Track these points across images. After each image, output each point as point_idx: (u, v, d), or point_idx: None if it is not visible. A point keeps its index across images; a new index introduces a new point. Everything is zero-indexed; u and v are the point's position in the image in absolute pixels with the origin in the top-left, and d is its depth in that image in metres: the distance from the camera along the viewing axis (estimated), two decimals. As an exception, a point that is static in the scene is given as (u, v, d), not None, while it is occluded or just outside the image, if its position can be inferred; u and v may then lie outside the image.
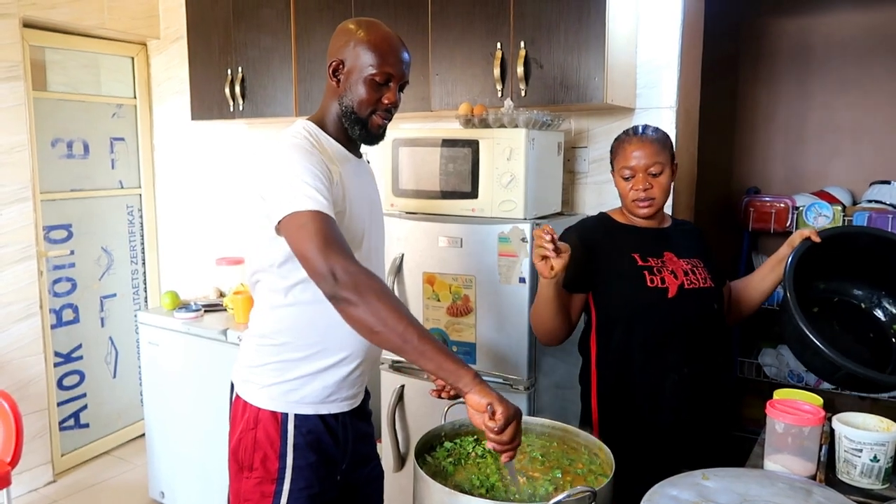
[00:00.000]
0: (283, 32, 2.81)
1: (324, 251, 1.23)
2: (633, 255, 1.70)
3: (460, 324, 2.16)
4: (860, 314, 1.72)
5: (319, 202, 1.28)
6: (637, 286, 1.66)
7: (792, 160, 3.21)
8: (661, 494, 1.12)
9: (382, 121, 1.47)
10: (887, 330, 1.68)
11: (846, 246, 1.69)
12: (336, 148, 1.47)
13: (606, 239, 1.75)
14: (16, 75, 3.16)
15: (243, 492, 1.47)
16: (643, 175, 1.68)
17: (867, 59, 2.99)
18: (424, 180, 2.26)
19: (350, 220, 1.43)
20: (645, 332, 1.65)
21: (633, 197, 1.71)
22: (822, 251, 1.64)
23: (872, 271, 1.70)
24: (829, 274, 1.73)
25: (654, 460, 1.52)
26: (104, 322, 3.78)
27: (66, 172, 3.56)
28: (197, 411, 2.92)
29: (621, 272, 1.69)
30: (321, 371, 1.46)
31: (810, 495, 1.11)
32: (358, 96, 1.42)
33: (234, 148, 3.57)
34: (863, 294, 1.73)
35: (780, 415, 1.39)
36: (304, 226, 1.26)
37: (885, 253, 1.64)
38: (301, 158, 1.33)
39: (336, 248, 1.24)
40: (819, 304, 1.73)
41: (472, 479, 1.29)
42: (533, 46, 2.20)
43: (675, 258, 1.72)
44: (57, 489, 3.36)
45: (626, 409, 1.69)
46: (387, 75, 1.42)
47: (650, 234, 1.76)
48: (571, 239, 1.72)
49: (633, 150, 1.70)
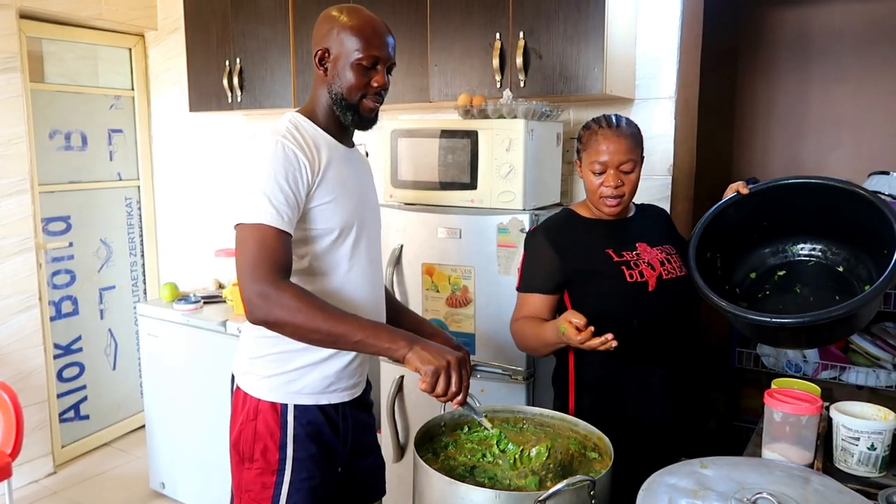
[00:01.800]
0: (282, 23, 2.80)
1: (247, 277, 1.28)
2: (607, 250, 1.63)
3: (459, 314, 2.17)
4: (838, 277, 1.66)
5: (269, 213, 1.29)
6: (616, 282, 1.60)
7: (791, 150, 3.21)
8: (660, 483, 1.12)
9: (374, 104, 1.46)
10: (858, 291, 1.59)
11: (806, 202, 1.62)
12: (324, 137, 1.46)
13: (576, 236, 1.68)
14: (13, 67, 3.15)
15: (244, 483, 1.48)
16: (615, 171, 1.60)
17: (867, 50, 2.98)
18: (423, 171, 2.26)
19: (338, 209, 1.42)
20: (629, 328, 1.56)
21: (603, 193, 1.63)
22: (775, 209, 1.61)
23: (849, 229, 1.63)
24: (809, 232, 1.70)
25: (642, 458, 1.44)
26: (103, 314, 3.79)
27: (65, 164, 3.56)
28: (197, 402, 2.93)
29: (598, 270, 1.62)
30: (320, 361, 1.46)
31: (808, 483, 1.12)
32: (347, 82, 1.42)
33: (233, 139, 3.56)
34: (842, 255, 1.67)
35: (778, 404, 1.39)
36: (241, 244, 1.31)
37: (853, 209, 1.55)
38: (270, 166, 1.32)
39: (261, 271, 1.27)
40: (789, 267, 1.71)
41: (471, 466, 1.29)
42: (532, 37, 2.19)
43: (649, 247, 1.67)
44: (57, 480, 3.38)
45: (611, 408, 1.63)
46: (374, 58, 1.41)
47: (619, 227, 1.70)
48: (540, 242, 1.68)
49: (606, 143, 1.60)
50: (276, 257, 1.29)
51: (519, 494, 1.15)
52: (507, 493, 1.13)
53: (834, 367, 2.69)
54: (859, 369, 2.65)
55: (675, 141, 2.36)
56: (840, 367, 2.68)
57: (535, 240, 1.71)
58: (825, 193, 1.58)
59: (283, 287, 1.26)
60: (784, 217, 1.68)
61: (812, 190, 1.60)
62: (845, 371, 2.68)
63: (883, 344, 2.66)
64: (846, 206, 1.56)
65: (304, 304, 1.25)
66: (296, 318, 1.25)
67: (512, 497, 1.13)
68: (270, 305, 1.25)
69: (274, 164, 1.33)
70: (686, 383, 1.70)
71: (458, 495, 1.13)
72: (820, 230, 1.69)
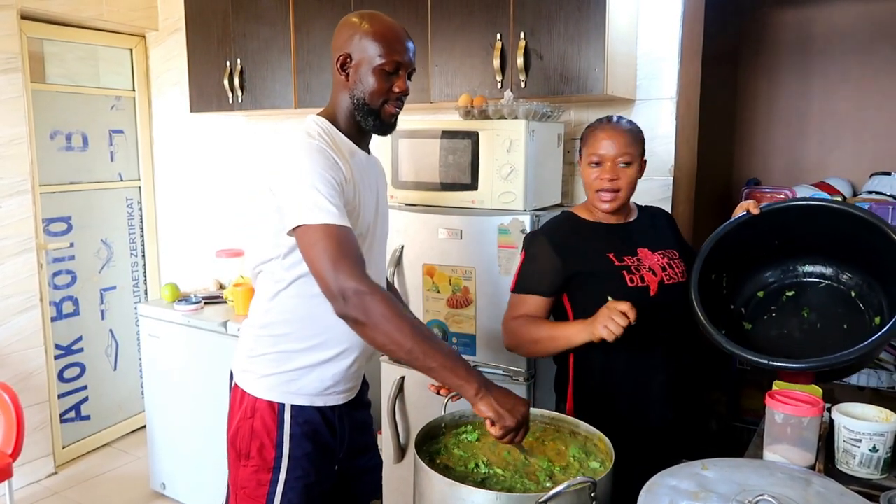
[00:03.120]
0: (283, 23, 2.80)
1: (334, 271, 1.25)
2: (608, 255, 1.63)
3: (460, 315, 2.16)
4: (849, 303, 1.60)
5: (332, 213, 1.29)
6: (617, 287, 1.58)
7: (792, 151, 3.20)
8: (661, 485, 1.12)
9: (395, 109, 1.47)
10: (868, 323, 1.54)
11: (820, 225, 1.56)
12: (347, 144, 1.47)
13: (576, 238, 1.67)
14: (14, 67, 3.15)
15: (240, 479, 1.49)
16: (611, 164, 1.61)
17: (868, 50, 2.97)
18: (424, 172, 2.26)
19: (359, 216, 1.44)
20: (629, 333, 1.49)
21: (598, 186, 1.63)
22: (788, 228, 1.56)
23: (864, 255, 1.56)
24: (822, 253, 1.63)
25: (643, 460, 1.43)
26: (104, 314, 3.79)
27: (66, 165, 3.56)
28: (197, 403, 2.93)
29: (598, 274, 1.62)
30: (319, 364, 1.46)
31: (809, 485, 1.12)
32: (369, 87, 1.43)
33: (234, 140, 3.56)
34: (855, 280, 1.61)
35: (779, 405, 1.39)
36: (316, 244, 1.28)
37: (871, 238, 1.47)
38: (315, 165, 1.33)
39: (346, 267, 1.26)
40: (798, 288, 1.65)
41: (472, 464, 1.29)
42: (533, 37, 2.19)
43: (650, 253, 1.66)
44: (58, 481, 3.38)
45: (611, 410, 1.61)
46: (395, 64, 1.43)
47: (620, 231, 1.69)
48: (541, 244, 1.66)
49: (603, 137, 1.62)
50: (354, 253, 1.29)
51: (520, 496, 1.15)
52: (508, 495, 1.13)
53: (835, 368, 2.68)
54: (861, 370, 2.64)
55: (677, 142, 2.36)
56: (841, 368, 2.68)
57: (536, 241, 1.70)
58: (841, 219, 1.51)
59: (375, 289, 1.26)
60: (796, 236, 1.61)
61: (827, 213, 1.53)
62: (847, 372, 2.68)
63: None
64: (864, 233, 1.49)
65: (395, 312, 1.25)
66: (387, 324, 1.24)
67: (513, 499, 1.13)
68: (366, 304, 1.24)
69: (318, 162, 1.34)
70: (687, 384, 1.69)
71: (459, 497, 1.12)
72: (833, 252, 1.62)
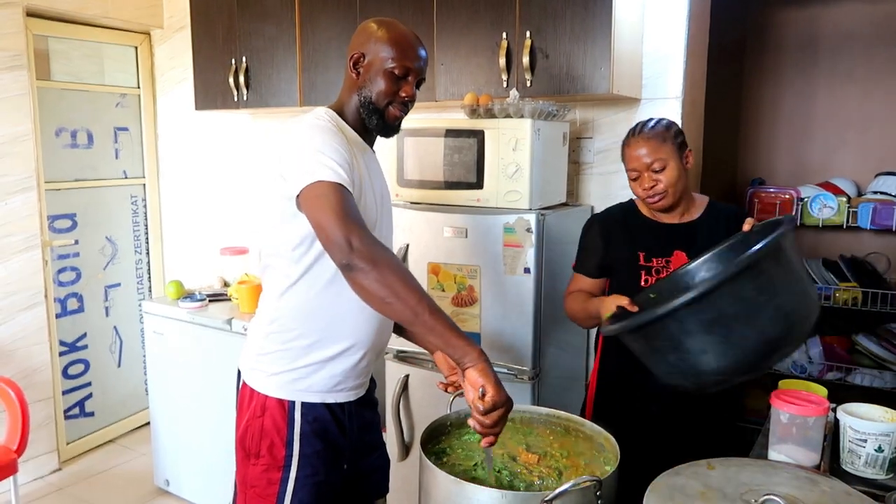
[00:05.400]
0: (288, 21, 2.80)
1: (342, 220, 1.24)
2: (639, 252, 1.75)
3: (465, 314, 2.17)
4: None
5: (340, 175, 1.30)
6: (631, 284, 1.71)
7: (797, 151, 3.20)
8: (667, 484, 1.12)
9: (399, 112, 1.50)
10: None
11: None
12: (354, 136, 1.50)
13: (622, 230, 1.82)
14: (20, 64, 3.15)
15: (250, 478, 1.49)
16: (647, 174, 1.72)
17: (874, 51, 2.97)
18: (429, 170, 2.26)
19: (365, 207, 1.44)
20: None
21: (643, 195, 1.75)
22: None
23: None
24: None
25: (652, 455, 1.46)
26: (109, 311, 3.80)
27: (71, 162, 3.56)
28: (201, 400, 2.93)
29: (622, 269, 1.77)
30: (328, 360, 1.47)
31: (815, 485, 1.12)
32: (377, 87, 1.47)
33: (238, 138, 3.56)
34: None
35: (784, 405, 1.39)
36: (323, 196, 1.28)
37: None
38: (324, 135, 1.37)
39: (353, 219, 1.26)
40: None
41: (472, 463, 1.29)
42: (539, 36, 2.19)
43: (685, 257, 1.71)
44: (62, 477, 3.39)
45: (623, 403, 1.70)
46: (405, 69, 1.47)
47: (665, 231, 1.77)
48: (592, 229, 1.85)
49: (633, 150, 1.74)
50: (360, 216, 1.30)
51: (525, 494, 1.16)
52: (514, 493, 1.14)
53: (840, 369, 2.69)
54: (864, 371, 2.64)
55: (682, 141, 2.35)
56: (846, 368, 2.68)
57: (590, 226, 1.89)
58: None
59: (377, 242, 1.26)
60: None
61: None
62: (851, 373, 2.68)
63: (888, 345, 2.65)
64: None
65: (402, 265, 1.27)
66: (393, 275, 1.21)
67: (518, 497, 1.13)
68: (374, 252, 1.22)
69: (327, 135, 1.37)
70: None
71: (465, 495, 1.13)
72: None
